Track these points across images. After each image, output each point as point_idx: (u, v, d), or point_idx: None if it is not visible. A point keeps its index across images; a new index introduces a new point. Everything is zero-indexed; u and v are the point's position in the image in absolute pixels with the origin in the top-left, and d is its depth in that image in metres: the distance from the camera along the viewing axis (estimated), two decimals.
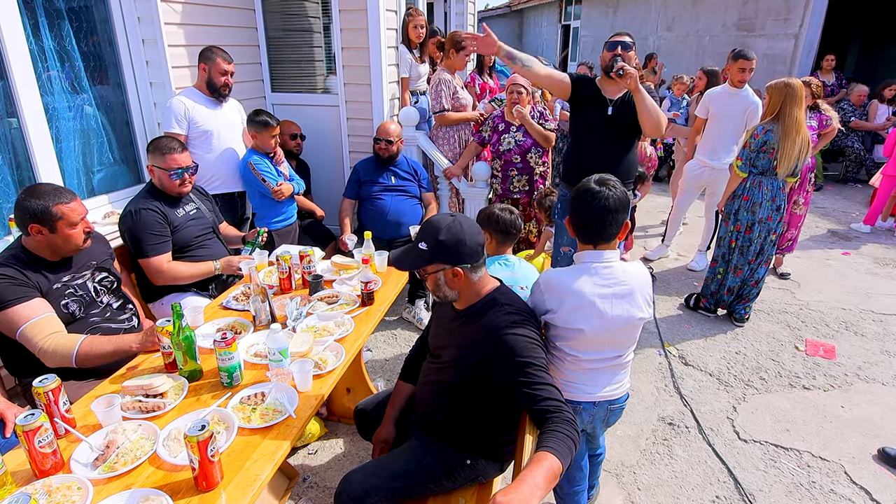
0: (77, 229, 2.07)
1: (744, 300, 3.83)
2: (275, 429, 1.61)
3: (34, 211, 1.97)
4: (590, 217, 1.75)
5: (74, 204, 2.05)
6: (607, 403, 1.92)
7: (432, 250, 1.63)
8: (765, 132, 3.40)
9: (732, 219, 3.68)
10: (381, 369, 3.35)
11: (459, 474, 1.79)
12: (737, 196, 3.62)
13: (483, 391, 1.69)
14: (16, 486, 1.40)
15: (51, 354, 1.92)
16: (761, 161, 3.47)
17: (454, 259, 1.63)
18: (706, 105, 4.34)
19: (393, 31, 4.24)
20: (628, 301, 1.78)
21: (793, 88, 3.33)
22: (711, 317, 3.98)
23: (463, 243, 1.62)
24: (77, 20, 3.05)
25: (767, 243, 3.66)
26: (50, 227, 2.00)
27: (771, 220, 3.57)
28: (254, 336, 2.08)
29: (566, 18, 17.56)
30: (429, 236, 1.64)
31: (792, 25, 8.56)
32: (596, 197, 1.73)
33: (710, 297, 3.95)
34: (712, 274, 3.91)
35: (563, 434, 1.40)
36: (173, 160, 2.57)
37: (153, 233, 2.53)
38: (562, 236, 3.45)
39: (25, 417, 1.38)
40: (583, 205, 1.75)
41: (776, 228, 3.62)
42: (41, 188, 2.02)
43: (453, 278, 1.65)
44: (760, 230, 3.61)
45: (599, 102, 3.01)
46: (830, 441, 2.76)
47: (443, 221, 1.65)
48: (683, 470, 2.59)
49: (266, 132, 3.28)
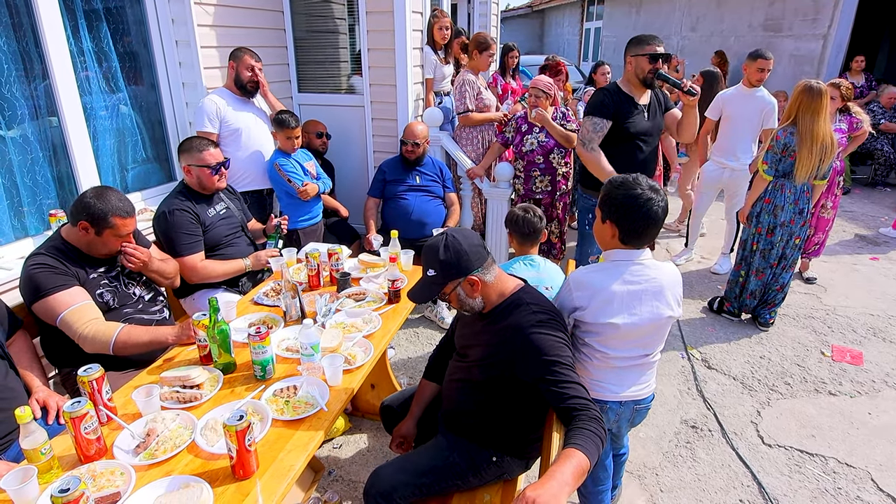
0: (120, 241, 2.16)
1: (769, 305, 3.78)
2: (307, 421, 1.65)
3: (93, 211, 2.05)
4: (642, 224, 1.74)
5: (129, 220, 2.15)
6: (633, 403, 1.93)
7: (441, 272, 1.67)
8: (785, 135, 3.34)
9: (754, 221, 3.62)
10: (403, 367, 3.39)
11: (485, 471, 1.81)
12: (759, 198, 3.57)
13: (509, 389, 1.72)
14: (62, 471, 1.46)
15: (90, 340, 1.99)
16: (784, 164, 3.41)
17: (463, 270, 1.66)
18: (719, 107, 4.32)
19: (418, 32, 4.28)
20: (658, 298, 1.79)
21: (809, 96, 3.23)
22: (735, 321, 3.95)
23: (463, 252, 1.65)
24: (114, 21, 3.14)
25: (790, 247, 3.59)
26: (98, 230, 2.08)
27: (793, 223, 3.50)
28: (285, 331, 2.14)
29: (588, 19, 17.46)
30: (432, 261, 1.68)
31: (820, 26, 8.41)
32: (648, 204, 1.73)
33: (734, 300, 3.91)
34: (735, 277, 3.86)
35: (590, 431, 1.42)
36: (210, 156, 2.64)
37: (186, 232, 2.60)
38: (591, 245, 3.40)
39: (73, 405, 1.44)
40: (636, 211, 1.73)
41: (799, 232, 3.54)
42: (109, 194, 2.11)
43: (471, 288, 1.68)
44: (782, 234, 3.54)
45: (634, 110, 3.02)
46: (857, 447, 2.73)
47: (438, 243, 1.69)
48: (706, 473, 2.59)
49: (282, 132, 3.34)
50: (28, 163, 2.77)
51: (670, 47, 11.65)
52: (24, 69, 2.71)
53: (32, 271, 2.02)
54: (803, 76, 3.85)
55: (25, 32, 2.69)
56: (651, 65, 2.90)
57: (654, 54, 2.89)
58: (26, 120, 2.74)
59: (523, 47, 14.75)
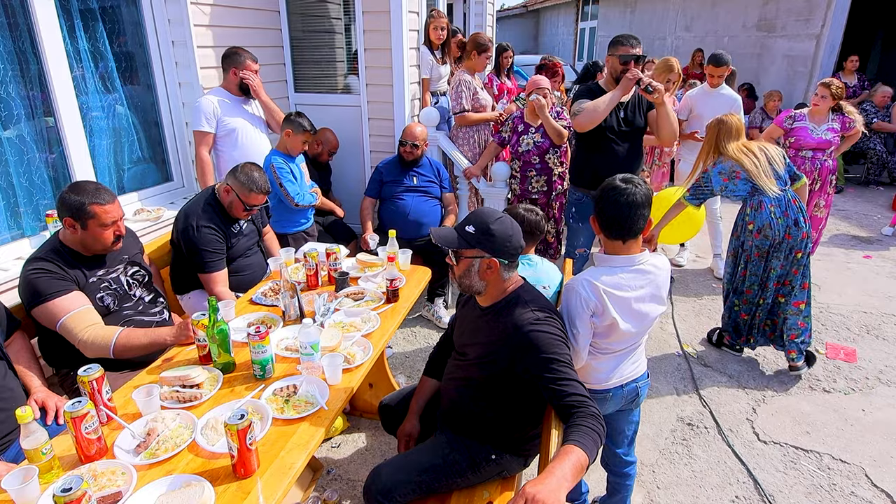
0: (108, 231, 2.12)
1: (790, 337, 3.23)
2: (307, 420, 1.66)
3: (70, 205, 2.04)
4: (618, 213, 1.79)
5: (110, 206, 2.10)
6: (633, 383, 1.99)
7: (479, 235, 1.67)
8: (714, 166, 3.16)
9: (742, 256, 3.24)
10: (401, 365, 3.40)
11: (484, 469, 1.83)
12: (739, 228, 3.24)
13: (508, 387, 1.73)
14: (63, 471, 1.47)
15: (90, 345, 1.99)
16: (739, 187, 3.13)
17: (496, 251, 1.67)
18: (688, 106, 4.52)
19: (415, 32, 4.29)
20: (657, 300, 1.86)
21: (725, 125, 3.15)
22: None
23: (510, 239, 1.68)
24: (110, 22, 3.14)
25: (792, 264, 3.14)
26: (82, 223, 2.06)
27: (790, 237, 3.08)
28: (284, 331, 2.14)
29: (583, 19, 17.50)
30: (479, 223, 1.68)
31: (814, 26, 8.46)
32: (623, 193, 1.78)
33: (732, 332, 3.47)
34: (728, 308, 3.44)
35: (588, 428, 1.43)
36: (257, 199, 2.66)
37: (212, 250, 2.61)
38: (577, 238, 3.50)
39: (73, 404, 1.44)
40: (610, 201, 1.79)
41: (799, 246, 3.10)
42: (83, 185, 2.09)
43: (487, 269, 1.68)
44: (779, 253, 3.13)
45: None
46: (851, 444, 2.76)
47: (495, 213, 1.70)
48: (703, 470, 2.61)
49: (301, 135, 3.29)
50: (24, 163, 2.76)
51: (665, 48, 11.71)
52: (20, 69, 2.70)
53: (31, 276, 2.02)
54: (797, 76, 3.87)
55: (21, 32, 2.68)
56: (622, 66, 2.98)
57: (626, 56, 2.97)
58: (22, 120, 2.73)
59: (518, 47, 14.76)
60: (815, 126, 4.22)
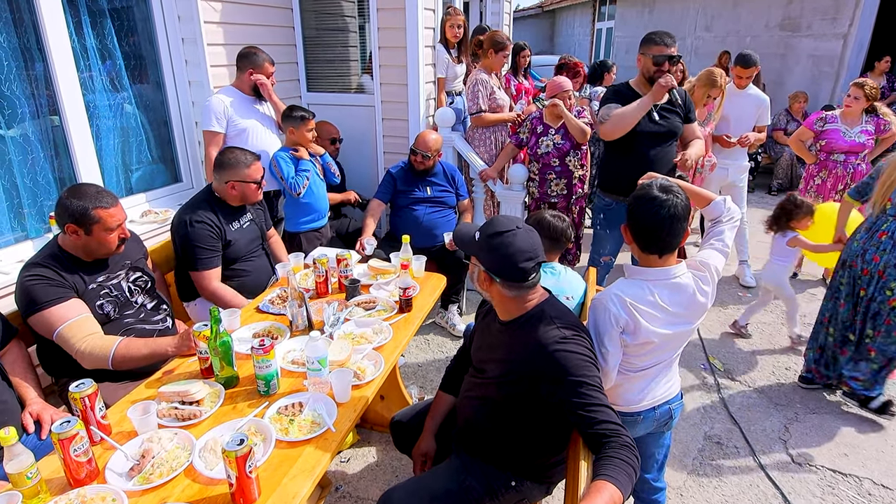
0: (113, 235, 2.04)
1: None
2: (313, 442, 1.54)
3: (73, 211, 1.95)
4: (656, 226, 1.63)
5: (114, 209, 2.02)
6: (666, 404, 1.85)
7: (478, 245, 1.58)
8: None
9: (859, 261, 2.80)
10: (413, 375, 3.27)
11: (503, 496, 1.69)
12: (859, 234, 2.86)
13: (530, 409, 1.59)
14: (50, 496, 1.36)
15: (88, 356, 1.90)
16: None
17: (492, 269, 1.56)
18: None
19: (430, 30, 4.17)
20: (692, 310, 1.71)
21: None
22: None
23: (511, 258, 1.52)
24: (119, 19, 3.05)
25: (879, 304, 2.75)
26: (86, 229, 1.97)
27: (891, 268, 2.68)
28: (291, 342, 2.03)
29: (600, 19, 17.29)
30: (485, 232, 1.57)
31: (841, 25, 8.20)
32: (663, 205, 1.62)
33: (823, 368, 3.06)
34: (815, 333, 3.09)
35: (621, 461, 1.30)
36: (256, 171, 2.59)
37: (204, 247, 2.51)
38: (604, 245, 3.34)
39: (61, 425, 1.34)
40: (649, 214, 1.63)
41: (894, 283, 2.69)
42: (84, 189, 2.00)
43: (485, 281, 1.60)
44: (873, 281, 2.76)
45: None
46: (892, 467, 2.58)
47: (510, 225, 1.55)
48: (734, 494, 2.45)
49: (303, 125, 3.22)
50: (28, 163, 2.68)
51: (684, 48, 11.46)
52: (25, 66, 2.62)
53: (28, 283, 1.93)
54: (822, 76, 3.69)
55: (27, 29, 2.60)
56: (655, 67, 2.82)
57: (659, 56, 2.80)
58: (27, 119, 2.65)
59: (534, 48, 14.61)
60: (847, 128, 4.04)
